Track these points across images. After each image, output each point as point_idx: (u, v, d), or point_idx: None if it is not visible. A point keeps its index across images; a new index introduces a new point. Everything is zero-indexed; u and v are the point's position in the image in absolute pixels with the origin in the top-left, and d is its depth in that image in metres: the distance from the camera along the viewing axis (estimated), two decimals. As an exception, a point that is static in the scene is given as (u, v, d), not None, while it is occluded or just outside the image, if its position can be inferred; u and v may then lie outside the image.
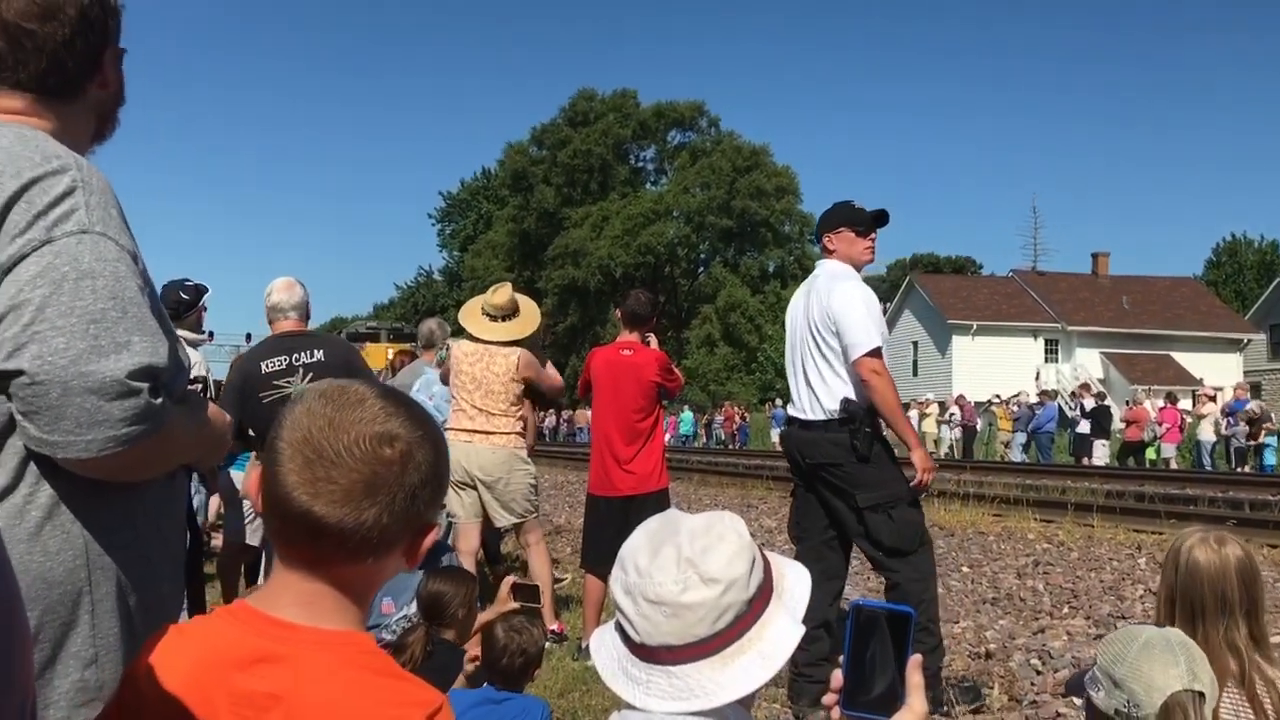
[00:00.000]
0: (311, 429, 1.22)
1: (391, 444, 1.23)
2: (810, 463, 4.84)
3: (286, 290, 5.32)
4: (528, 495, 6.35)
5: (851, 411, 4.69)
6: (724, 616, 1.37)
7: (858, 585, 8.27)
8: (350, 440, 1.22)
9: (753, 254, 67.44)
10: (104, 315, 1.48)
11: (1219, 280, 68.59)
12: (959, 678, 5.30)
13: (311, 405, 1.25)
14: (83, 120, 1.77)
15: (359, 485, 1.21)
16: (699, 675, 1.37)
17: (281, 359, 5.10)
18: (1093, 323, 49.15)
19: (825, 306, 4.75)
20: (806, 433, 4.88)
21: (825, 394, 4.77)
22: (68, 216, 1.51)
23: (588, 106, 69.60)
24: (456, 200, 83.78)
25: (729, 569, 1.38)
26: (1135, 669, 1.96)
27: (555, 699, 5.09)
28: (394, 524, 1.24)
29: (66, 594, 1.51)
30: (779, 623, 1.40)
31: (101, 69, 1.75)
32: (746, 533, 1.45)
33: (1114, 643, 2.04)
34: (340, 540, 1.23)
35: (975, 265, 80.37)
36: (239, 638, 1.25)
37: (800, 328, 4.93)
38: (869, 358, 4.64)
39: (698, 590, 1.37)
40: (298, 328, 5.32)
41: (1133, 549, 9.34)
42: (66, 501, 1.53)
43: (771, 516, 13.13)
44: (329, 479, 1.21)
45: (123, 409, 1.47)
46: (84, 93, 1.74)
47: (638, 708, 1.40)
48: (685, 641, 1.37)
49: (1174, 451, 24.77)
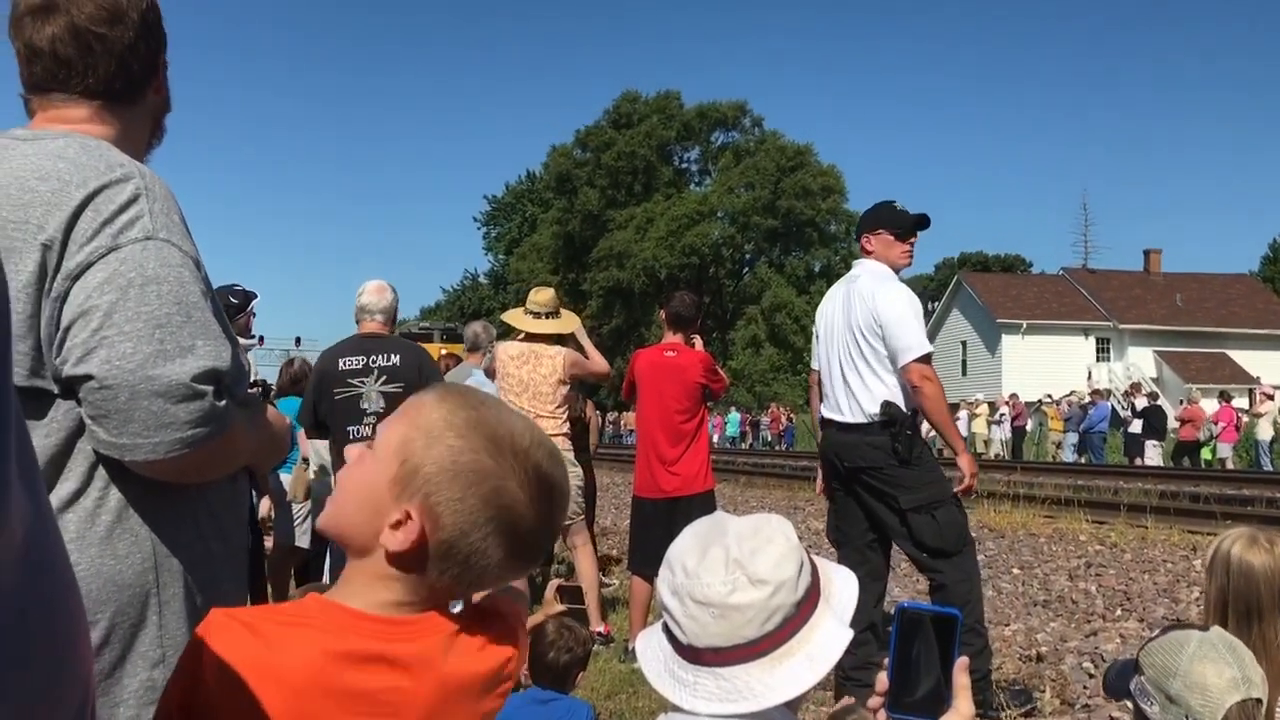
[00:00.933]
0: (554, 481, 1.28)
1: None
2: (850, 466, 4.80)
3: (377, 294, 5.55)
4: (575, 497, 6.37)
5: (893, 414, 4.65)
6: (772, 618, 1.37)
7: (906, 587, 8.22)
8: (562, 475, 1.29)
9: (798, 254, 67.13)
10: (169, 320, 1.52)
11: (1275, 276, 67.39)
12: (1009, 681, 5.25)
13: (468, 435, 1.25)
14: (142, 126, 1.82)
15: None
16: (747, 677, 1.37)
17: (359, 359, 5.35)
18: (1145, 321, 48.44)
19: (871, 309, 4.70)
20: (846, 436, 4.83)
21: (866, 397, 4.73)
22: (133, 224, 1.55)
23: (631, 108, 69.62)
24: (501, 203, 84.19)
25: (777, 571, 1.38)
26: (1189, 681, 1.91)
27: (602, 701, 5.10)
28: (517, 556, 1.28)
29: (135, 596, 1.55)
30: (827, 626, 1.40)
31: (158, 72, 1.80)
32: (794, 535, 1.45)
33: (1161, 652, 1.99)
34: (463, 569, 1.25)
35: (1024, 263, 79.56)
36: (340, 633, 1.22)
37: (839, 329, 4.88)
38: (919, 363, 4.61)
39: (746, 592, 1.37)
40: (381, 330, 5.53)
41: (1187, 550, 9.19)
42: (134, 505, 1.57)
43: (819, 519, 13.06)
44: (562, 509, 1.30)
45: (188, 411, 1.51)
46: (144, 97, 1.79)
47: (685, 710, 1.40)
48: (733, 643, 1.37)
49: (1230, 451, 24.36)
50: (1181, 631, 2.02)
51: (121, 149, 1.65)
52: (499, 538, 1.21)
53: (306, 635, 1.18)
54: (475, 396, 1.28)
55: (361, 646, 1.19)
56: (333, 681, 1.17)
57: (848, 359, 4.80)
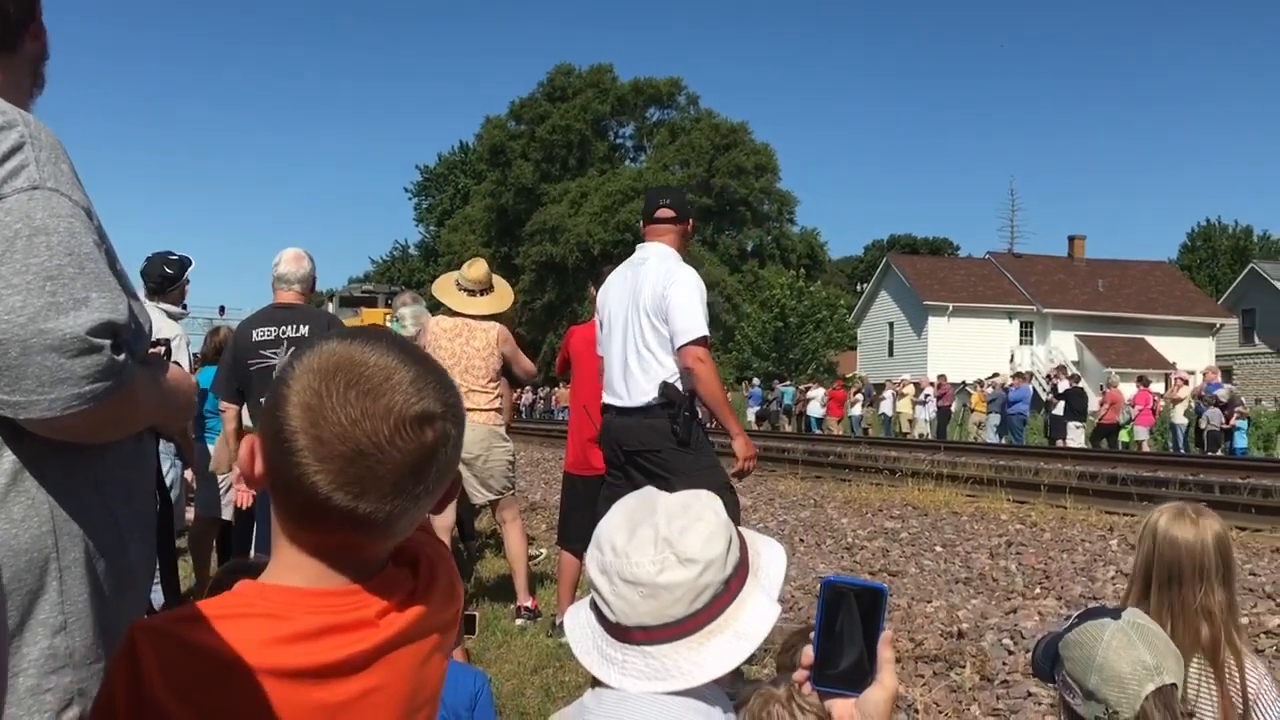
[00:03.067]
0: (344, 423, 1.09)
1: (431, 424, 1.13)
2: (628, 449, 4.74)
3: (294, 262, 5.44)
4: (506, 472, 6.35)
5: (671, 396, 4.61)
6: (701, 597, 1.37)
7: (832, 564, 8.32)
8: (390, 431, 1.10)
9: (731, 233, 67.35)
10: (60, 272, 1.44)
11: (1193, 265, 69.18)
12: (931, 656, 5.34)
13: (335, 393, 1.10)
14: (22, 75, 1.73)
15: (406, 474, 1.12)
16: (675, 655, 1.37)
17: (271, 330, 5.27)
18: (1068, 305, 49.45)
19: (660, 291, 4.64)
20: (625, 419, 4.76)
21: (647, 380, 4.67)
22: (17, 173, 1.47)
23: (565, 81, 69.13)
24: (433, 174, 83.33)
25: (706, 549, 1.38)
26: (1104, 675, 1.96)
27: (528, 675, 5.10)
28: (433, 497, 1.18)
29: (33, 561, 1.48)
30: (755, 602, 1.40)
31: (35, 18, 1.72)
32: (723, 511, 1.44)
33: (1078, 645, 2.03)
34: (383, 526, 1.15)
35: (952, 247, 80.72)
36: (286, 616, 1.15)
37: (624, 313, 4.82)
38: (694, 345, 4.55)
39: (675, 571, 1.36)
40: (297, 300, 5.43)
41: (1105, 530, 9.41)
42: (30, 467, 1.49)
43: (746, 494, 13.18)
44: (373, 475, 1.10)
45: (84, 366, 1.43)
46: (22, 44, 1.71)
47: (613, 687, 1.39)
48: (661, 622, 1.37)
49: (1147, 434, 25.01)
50: (1097, 622, 2.04)
51: (3, 98, 1.57)
52: (308, 448, 1.10)
53: (252, 625, 1.12)
54: (384, 345, 1.19)
55: (312, 624, 1.14)
56: (290, 665, 1.12)
57: (632, 342, 4.74)
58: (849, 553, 8.83)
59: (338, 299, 34.16)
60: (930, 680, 5.08)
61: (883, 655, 1.32)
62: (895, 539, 9.38)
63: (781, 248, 67.11)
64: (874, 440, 27.97)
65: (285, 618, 1.14)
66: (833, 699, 1.32)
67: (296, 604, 1.15)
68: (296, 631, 1.13)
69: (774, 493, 13.41)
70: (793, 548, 9.02)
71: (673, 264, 4.74)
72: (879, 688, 1.31)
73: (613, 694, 1.38)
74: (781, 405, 39.91)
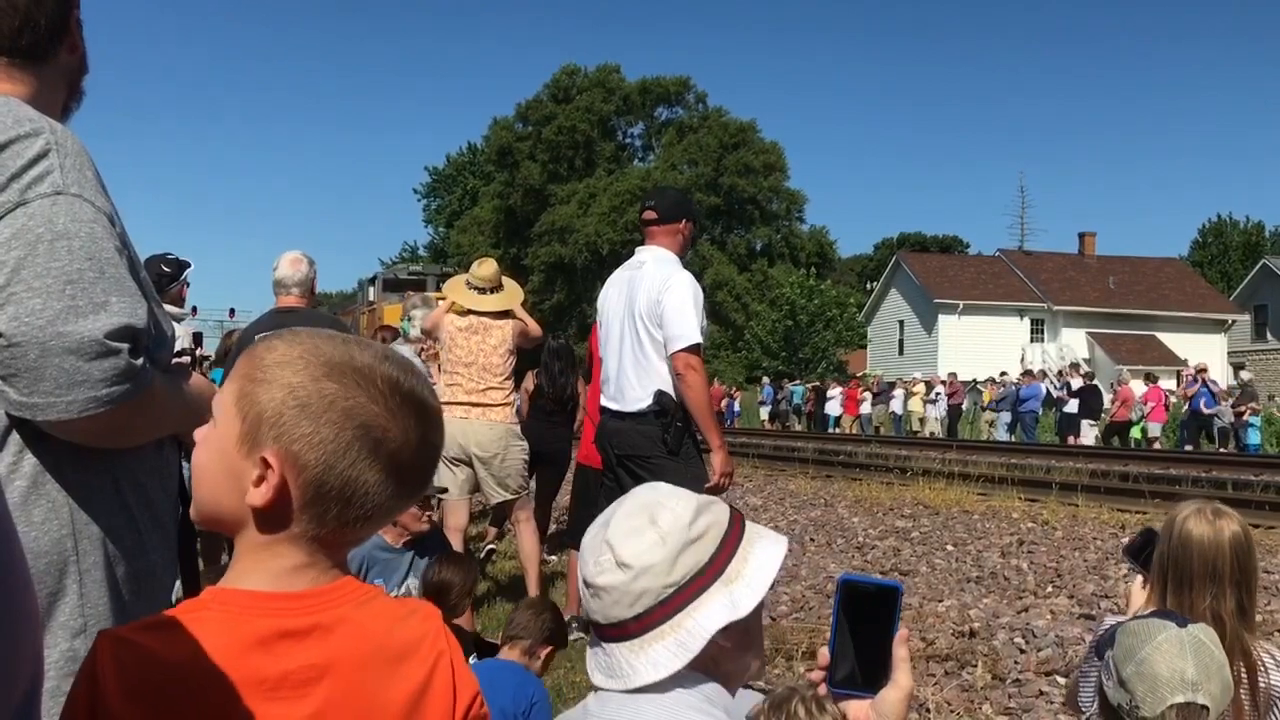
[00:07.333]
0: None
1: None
2: (619, 453, 4.74)
3: (291, 266, 5.38)
4: (521, 471, 6.36)
5: (664, 404, 4.58)
6: (640, 601, 1.35)
7: (843, 563, 8.31)
8: (421, 384, 1.22)
9: (740, 232, 67.15)
10: (81, 276, 1.46)
11: (1204, 261, 68.84)
12: (943, 656, 5.33)
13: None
14: (55, 86, 1.74)
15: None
16: (620, 656, 1.37)
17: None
18: (1079, 303, 49.26)
19: (656, 296, 4.61)
20: (619, 423, 4.75)
21: (643, 386, 4.64)
22: (42, 179, 1.49)
23: (570, 81, 68.93)
24: (442, 176, 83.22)
25: (644, 556, 1.35)
26: (1141, 670, 1.89)
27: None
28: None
29: (53, 564, 1.49)
30: (710, 609, 1.36)
31: (71, 30, 1.73)
32: (688, 514, 1.39)
33: (1133, 634, 1.96)
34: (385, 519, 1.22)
35: (962, 244, 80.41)
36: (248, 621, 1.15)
37: (621, 316, 4.79)
38: (687, 352, 4.52)
39: (610, 574, 1.36)
40: (298, 303, 5.38)
41: (1116, 528, 9.38)
42: (51, 470, 1.51)
43: (756, 494, 13.18)
44: (429, 420, 1.22)
45: (102, 369, 1.45)
46: (56, 55, 1.72)
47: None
48: (610, 621, 1.37)
49: (1160, 430, 24.90)
50: (1160, 621, 1.97)
51: (34, 108, 1.59)
52: (368, 459, 1.14)
53: (206, 630, 1.11)
54: (307, 331, 1.20)
55: (267, 627, 1.13)
56: (245, 671, 1.10)
57: (628, 347, 4.71)
58: (860, 552, 8.82)
59: (380, 281, 32.10)
60: (942, 679, 5.07)
61: (898, 654, 1.32)
62: (906, 538, 9.37)
63: (791, 246, 66.89)
64: (885, 439, 27.95)
65: (242, 622, 1.13)
66: (848, 701, 1.32)
67: (253, 608, 1.14)
68: (254, 636, 1.13)
69: (784, 492, 13.40)
70: (803, 547, 9.02)
71: (669, 268, 4.71)
72: (894, 688, 1.31)
73: (615, 696, 1.38)
74: (791, 404, 39.87)
